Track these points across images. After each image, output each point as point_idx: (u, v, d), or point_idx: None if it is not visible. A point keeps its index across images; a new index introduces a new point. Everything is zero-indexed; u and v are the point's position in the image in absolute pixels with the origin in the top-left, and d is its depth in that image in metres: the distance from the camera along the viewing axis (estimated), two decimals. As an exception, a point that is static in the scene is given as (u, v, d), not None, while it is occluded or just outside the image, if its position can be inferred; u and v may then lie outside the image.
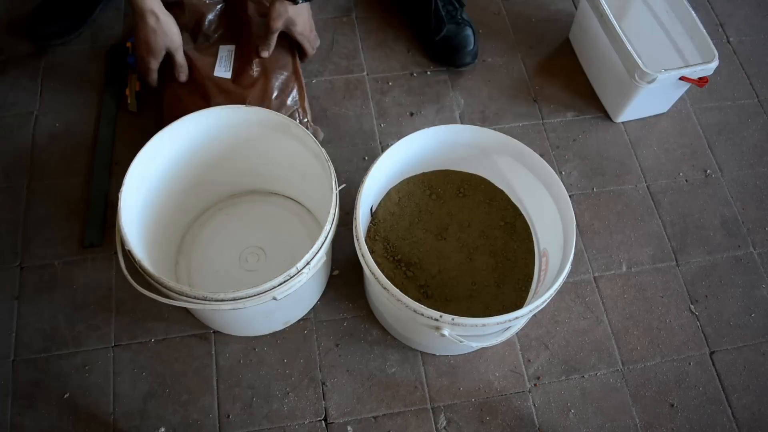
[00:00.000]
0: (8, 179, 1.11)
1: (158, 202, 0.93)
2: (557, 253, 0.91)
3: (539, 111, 1.24)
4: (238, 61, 1.09)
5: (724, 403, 0.99)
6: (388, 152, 0.92)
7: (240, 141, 0.96)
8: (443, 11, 1.25)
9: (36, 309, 1.01)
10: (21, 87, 1.20)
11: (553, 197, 0.93)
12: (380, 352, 1.00)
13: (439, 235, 1.03)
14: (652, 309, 1.06)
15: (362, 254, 0.83)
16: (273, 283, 0.79)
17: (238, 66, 1.08)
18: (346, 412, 0.96)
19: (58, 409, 0.94)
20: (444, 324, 0.79)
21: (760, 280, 1.10)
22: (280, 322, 0.99)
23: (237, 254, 1.04)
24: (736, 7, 1.40)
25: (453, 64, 1.26)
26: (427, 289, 0.99)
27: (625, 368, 1.01)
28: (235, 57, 1.10)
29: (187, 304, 0.80)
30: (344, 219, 1.04)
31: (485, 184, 1.05)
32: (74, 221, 1.07)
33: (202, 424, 0.94)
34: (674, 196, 1.17)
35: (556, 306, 1.05)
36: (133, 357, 0.98)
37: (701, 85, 1.11)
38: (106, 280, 1.03)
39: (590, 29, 1.21)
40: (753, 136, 1.24)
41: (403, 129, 1.20)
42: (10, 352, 0.97)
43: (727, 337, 1.04)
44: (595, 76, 1.26)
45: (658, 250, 1.11)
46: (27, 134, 1.15)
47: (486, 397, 0.98)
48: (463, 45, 1.24)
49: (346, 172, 1.14)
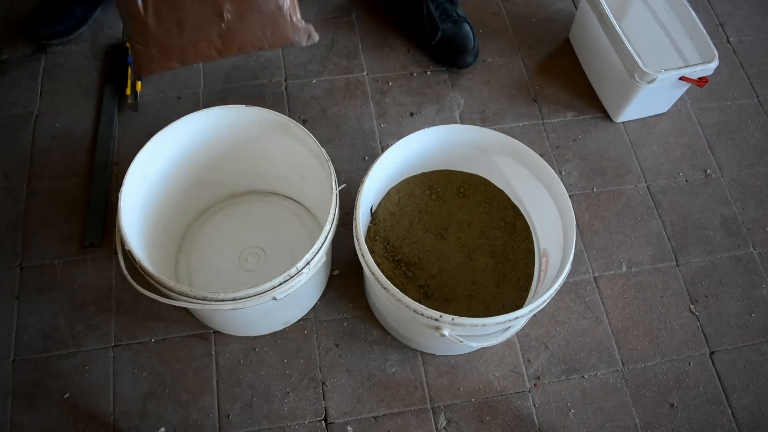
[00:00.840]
0: (8, 179, 1.11)
1: (158, 202, 0.93)
2: (557, 253, 0.91)
3: (539, 111, 1.24)
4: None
5: (724, 403, 0.99)
6: (388, 152, 0.92)
7: (240, 141, 0.96)
8: (437, 12, 1.23)
9: (36, 309, 1.01)
10: (21, 87, 1.20)
11: (553, 197, 0.93)
12: (380, 352, 1.00)
13: (439, 235, 1.03)
14: (652, 309, 1.06)
15: (362, 254, 0.83)
16: (273, 283, 0.79)
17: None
18: (346, 412, 0.96)
19: (58, 409, 0.94)
20: (444, 324, 0.79)
21: (760, 280, 1.10)
22: (280, 322, 0.99)
23: (237, 254, 1.04)
24: (736, 7, 1.40)
25: (456, 65, 1.25)
26: (427, 289, 0.99)
27: (625, 368, 1.01)
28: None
29: (187, 304, 0.80)
30: (344, 219, 1.04)
31: (485, 184, 1.05)
32: (74, 221, 1.07)
33: (202, 424, 0.94)
34: (674, 196, 1.17)
35: (556, 306, 1.05)
36: (133, 357, 0.98)
37: (701, 85, 1.11)
38: (106, 280, 1.03)
39: (590, 29, 1.21)
40: (753, 136, 1.24)
41: (403, 129, 1.20)
42: (10, 352, 0.97)
43: (727, 337, 1.04)
44: (595, 76, 1.26)
45: (658, 250, 1.11)
46: (27, 134, 1.15)
47: (486, 397, 0.98)
48: (463, 45, 1.23)
49: (346, 172, 1.14)
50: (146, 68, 0.95)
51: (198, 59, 0.94)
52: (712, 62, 1.10)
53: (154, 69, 0.95)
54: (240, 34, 0.91)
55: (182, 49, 0.92)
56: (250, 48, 0.93)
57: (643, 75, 1.09)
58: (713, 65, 1.10)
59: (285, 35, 0.93)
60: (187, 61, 0.95)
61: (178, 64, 0.94)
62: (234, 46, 0.92)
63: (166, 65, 0.94)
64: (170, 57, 0.93)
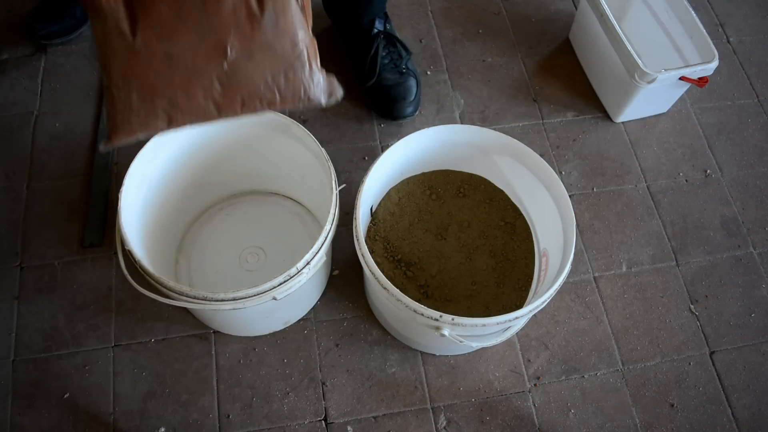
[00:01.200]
0: (8, 179, 1.11)
1: (158, 202, 0.93)
2: (557, 253, 0.91)
3: (539, 111, 1.24)
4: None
5: (724, 403, 0.99)
6: (388, 152, 0.92)
7: (240, 141, 0.96)
8: (386, 59, 1.15)
9: (36, 309, 1.01)
10: (21, 87, 1.20)
11: (553, 197, 0.93)
12: (380, 352, 1.00)
13: (439, 235, 1.03)
14: (652, 309, 1.06)
15: (362, 254, 0.83)
16: (273, 283, 0.79)
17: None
18: (346, 412, 0.96)
19: (58, 409, 0.94)
20: (444, 324, 0.79)
21: (760, 280, 1.10)
22: (280, 322, 0.99)
23: (237, 254, 1.04)
24: (736, 7, 1.40)
25: (390, 114, 1.16)
26: (427, 289, 0.99)
27: (625, 368, 1.01)
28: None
29: (187, 304, 0.80)
30: (344, 219, 1.04)
31: (485, 184, 1.05)
32: (74, 221, 1.07)
33: (202, 424, 0.94)
34: (674, 196, 1.17)
35: (556, 306, 1.05)
36: (133, 357, 0.98)
37: (701, 85, 1.11)
38: (106, 280, 1.03)
39: (590, 29, 1.21)
40: (753, 136, 1.24)
41: (403, 129, 1.20)
42: (10, 352, 0.97)
43: (727, 337, 1.04)
44: (595, 76, 1.26)
45: (658, 250, 1.11)
46: (27, 134, 1.15)
47: (486, 397, 0.98)
48: (401, 96, 1.14)
49: (346, 172, 1.14)
50: (122, 127, 0.70)
51: (190, 115, 0.71)
52: (712, 62, 1.10)
53: (133, 129, 0.70)
54: (246, 78, 0.70)
55: (171, 99, 0.69)
56: (256, 100, 0.71)
57: (643, 75, 1.09)
58: (713, 65, 1.10)
59: (301, 85, 0.72)
60: (175, 118, 0.71)
61: (163, 123, 0.70)
62: (237, 96, 0.71)
63: (148, 123, 0.70)
64: (154, 109, 0.70)
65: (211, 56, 0.69)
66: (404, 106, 1.15)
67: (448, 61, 1.28)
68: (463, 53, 1.29)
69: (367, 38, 1.17)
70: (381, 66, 1.15)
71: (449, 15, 1.34)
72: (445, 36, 1.31)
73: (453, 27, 1.33)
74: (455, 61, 1.28)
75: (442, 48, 1.30)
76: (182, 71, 0.69)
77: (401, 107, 1.15)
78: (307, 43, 0.72)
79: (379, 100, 1.17)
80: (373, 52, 1.15)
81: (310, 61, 0.72)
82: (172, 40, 0.68)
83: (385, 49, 1.17)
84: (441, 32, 1.32)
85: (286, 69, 0.71)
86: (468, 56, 1.29)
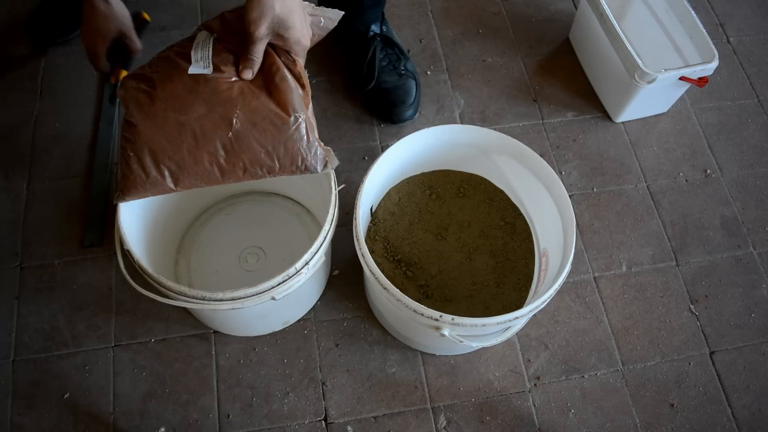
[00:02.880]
0: (8, 179, 1.11)
1: (158, 202, 0.93)
2: (557, 253, 0.91)
3: (539, 111, 1.24)
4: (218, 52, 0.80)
5: (724, 403, 0.99)
6: (388, 152, 0.92)
7: (240, 141, 0.96)
8: (384, 62, 1.15)
9: (36, 309, 1.01)
10: (21, 87, 1.20)
11: (553, 197, 0.92)
12: (380, 352, 1.00)
13: (439, 235, 1.03)
14: (652, 309, 1.06)
15: (362, 254, 0.83)
16: (272, 283, 0.79)
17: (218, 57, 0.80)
18: (346, 412, 0.96)
19: (58, 409, 0.94)
20: (444, 324, 0.79)
21: (760, 280, 1.10)
22: (279, 322, 0.99)
23: (236, 254, 1.04)
24: (736, 7, 1.40)
25: (390, 118, 1.16)
26: (427, 289, 0.99)
27: (625, 368, 1.01)
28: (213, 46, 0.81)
29: (187, 304, 0.80)
30: (344, 219, 1.04)
31: (485, 184, 1.05)
32: (74, 221, 1.07)
33: (202, 424, 0.94)
34: (674, 196, 1.17)
35: (556, 306, 1.05)
36: (133, 357, 0.98)
37: (701, 85, 1.11)
38: (106, 280, 1.03)
39: (590, 29, 1.21)
40: (753, 136, 1.24)
41: (403, 129, 1.20)
42: (10, 352, 0.97)
43: (727, 337, 1.04)
44: (595, 76, 1.26)
45: (658, 250, 1.11)
46: (27, 134, 1.15)
47: (486, 397, 0.98)
48: (401, 99, 1.14)
49: (346, 172, 1.14)
50: (134, 185, 0.78)
51: (196, 178, 0.79)
52: (712, 62, 1.10)
53: (145, 187, 0.78)
54: (248, 146, 0.78)
55: (179, 162, 0.77)
56: (257, 167, 0.79)
57: (643, 75, 1.09)
58: (713, 65, 1.10)
59: (299, 154, 0.79)
60: (182, 180, 0.78)
61: (171, 183, 0.78)
62: (239, 162, 0.78)
63: (157, 184, 0.78)
64: (161, 170, 0.78)
65: (217, 125, 0.77)
66: (403, 110, 1.15)
67: (448, 61, 1.28)
68: (463, 53, 1.29)
69: (363, 42, 1.17)
70: (379, 69, 1.15)
71: (449, 15, 1.34)
72: (445, 36, 1.31)
73: (453, 27, 1.33)
74: (455, 61, 1.28)
75: (442, 48, 1.30)
76: (191, 137, 0.77)
77: (400, 111, 1.15)
78: (305, 118, 0.79)
79: (378, 104, 1.17)
80: (370, 56, 1.15)
81: (308, 134, 0.79)
82: (185, 110, 0.77)
83: (382, 52, 1.16)
84: (441, 32, 1.32)
85: (285, 140, 0.78)
86: (468, 56, 1.29)
